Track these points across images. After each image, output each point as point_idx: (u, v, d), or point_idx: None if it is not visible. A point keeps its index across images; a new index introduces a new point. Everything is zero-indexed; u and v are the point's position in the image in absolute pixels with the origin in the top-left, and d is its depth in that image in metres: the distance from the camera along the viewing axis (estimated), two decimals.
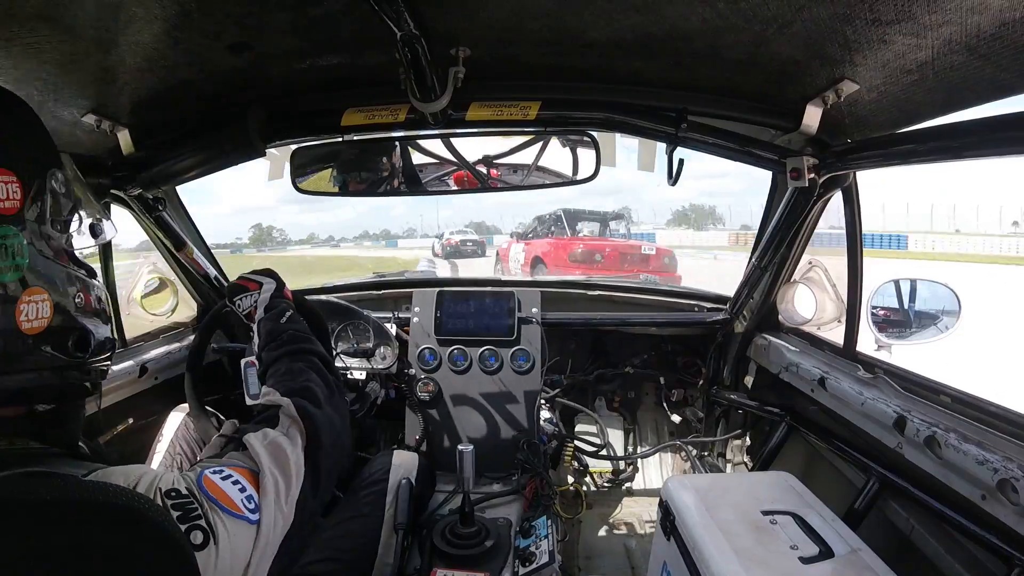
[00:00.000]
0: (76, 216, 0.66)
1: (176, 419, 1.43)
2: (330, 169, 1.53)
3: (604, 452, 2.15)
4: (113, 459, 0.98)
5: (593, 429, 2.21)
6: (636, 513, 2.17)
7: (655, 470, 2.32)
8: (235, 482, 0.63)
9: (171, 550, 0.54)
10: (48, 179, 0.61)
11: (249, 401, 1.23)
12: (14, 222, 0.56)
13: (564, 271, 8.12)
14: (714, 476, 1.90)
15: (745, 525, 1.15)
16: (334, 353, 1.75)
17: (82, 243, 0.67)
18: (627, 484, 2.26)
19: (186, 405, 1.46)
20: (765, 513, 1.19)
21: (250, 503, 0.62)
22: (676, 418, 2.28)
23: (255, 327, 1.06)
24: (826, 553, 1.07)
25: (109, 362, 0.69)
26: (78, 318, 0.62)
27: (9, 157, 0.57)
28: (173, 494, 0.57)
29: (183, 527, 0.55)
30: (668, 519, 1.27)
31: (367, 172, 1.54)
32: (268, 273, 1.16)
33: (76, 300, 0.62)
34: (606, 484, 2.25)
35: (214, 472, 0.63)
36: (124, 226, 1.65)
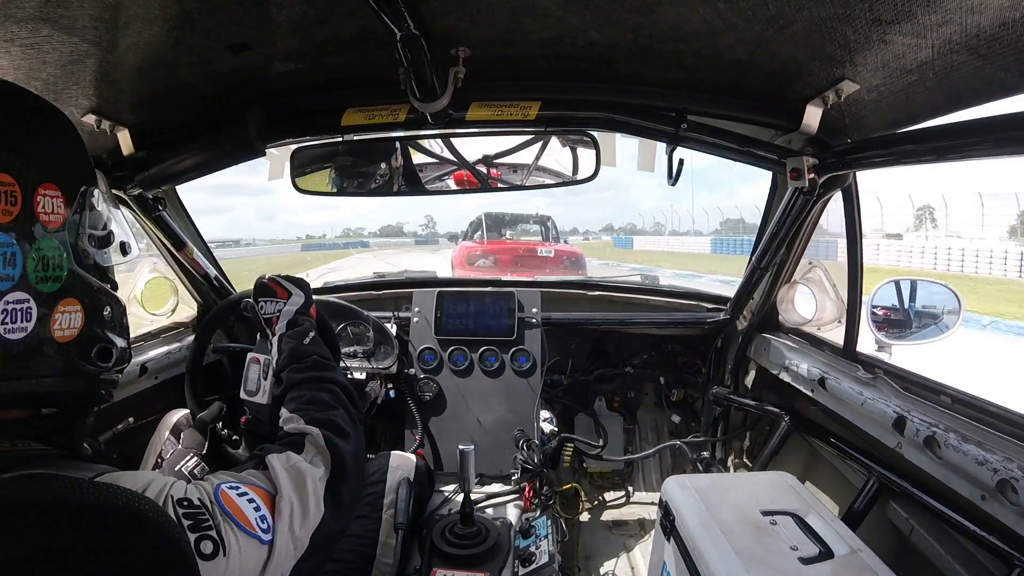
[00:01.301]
0: (112, 233, 0.69)
1: (163, 434, 1.42)
2: (330, 169, 1.54)
3: (603, 453, 2.15)
4: (112, 459, 0.98)
5: (596, 431, 2.21)
6: (636, 513, 2.18)
7: (655, 470, 2.32)
8: (250, 500, 0.64)
9: (172, 553, 0.54)
10: (87, 195, 0.63)
11: (243, 395, 1.24)
12: (57, 236, 0.59)
13: (469, 274, 8.21)
14: (714, 476, 1.90)
15: (745, 525, 1.15)
16: None
17: (112, 260, 0.70)
18: (627, 484, 2.26)
19: (176, 413, 1.46)
20: (765, 513, 1.19)
21: (263, 523, 0.63)
22: (676, 418, 2.28)
23: (274, 339, 1.06)
24: (826, 554, 1.07)
25: (120, 374, 0.71)
26: (104, 331, 0.65)
27: (56, 172, 0.60)
28: (185, 503, 0.58)
29: (193, 536, 0.56)
30: (668, 519, 1.27)
31: (367, 172, 1.54)
32: (300, 285, 1.14)
33: (104, 313, 0.65)
34: (606, 484, 2.25)
35: (231, 487, 0.64)
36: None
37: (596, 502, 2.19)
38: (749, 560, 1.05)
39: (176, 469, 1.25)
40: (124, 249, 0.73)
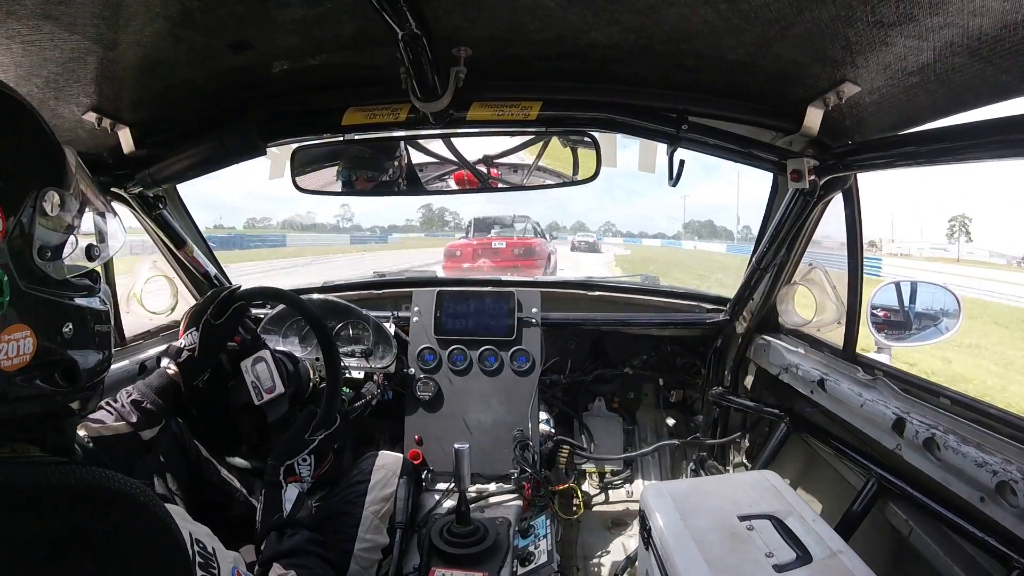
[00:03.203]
0: (73, 237, 0.62)
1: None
2: (331, 168, 1.54)
3: (598, 455, 2.15)
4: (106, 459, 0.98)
5: (592, 432, 2.21)
6: (635, 514, 2.17)
7: (654, 471, 2.32)
8: None
9: (165, 539, 0.55)
10: (39, 200, 0.55)
11: (243, 365, 1.33)
12: None
13: (452, 265, 10.38)
14: (693, 481, 1.87)
15: (720, 533, 1.13)
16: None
17: (79, 265, 0.63)
18: (626, 485, 2.26)
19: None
20: (743, 518, 1.17)
21: None
22: (674, 419, 2.28)
23: (292, 486, 1.14)
24: (803, 559, 1.04)
25: (100, 386, 0.68)
26: (66, 350, 0.59)
27: None
28: (200, 544, 0.60)
29: (200, 573, 0.58)
30: (645, 529, 1.25)
31: (368, 171, 1.54)
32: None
33: (65, 331, 0.59)
34: (605, 485, 2.25)
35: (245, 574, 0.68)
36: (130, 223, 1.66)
37: (595, 502, 2.19)
38: (720, 571, 1.02)
39: (193, 383, 1.24)
40: (91, 253, 0.64)
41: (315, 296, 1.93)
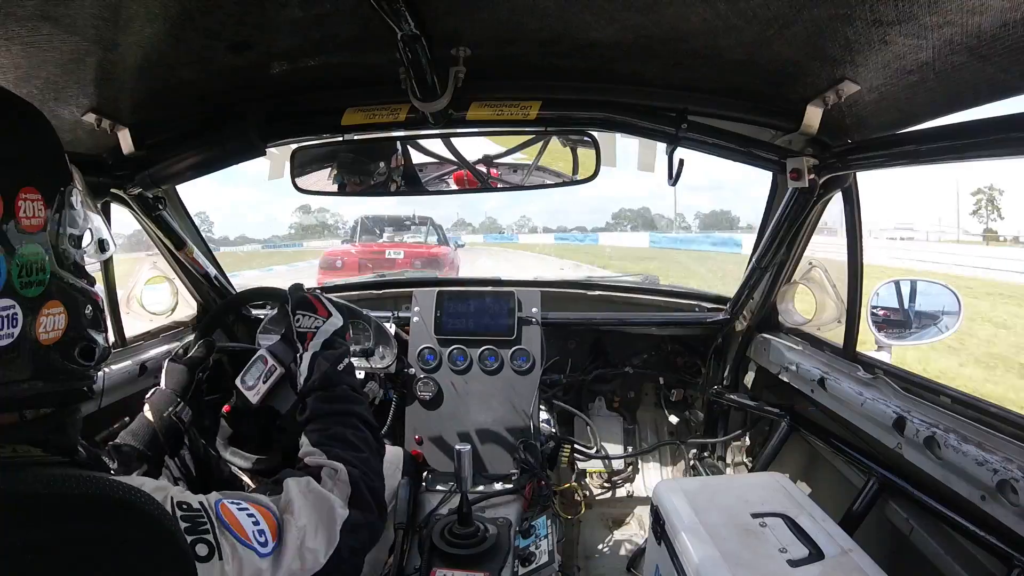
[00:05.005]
0: (89, 231, 0.69)
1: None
2: (330, 168, 1.54)
3: (599, 454, 2.15)
4: (110, 457, 0.98)
5: (592, 431, 2.21)
6: (636, 513, 2.18)
7: (655, 471, 2.32)
8: (250, 515, 0.66)
9: (169, 548, 0.55)
10: (66, 195, 0.63)
11: (238, 383, 1.26)
12: (38, 239, 0.59)
13: (327, 277, 8.36)
14: (704, 479, 1.89)
15: (734, 529, 1.15)
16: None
17: (90, 258, 0.70)
18: (627, 484, 2.27)
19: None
20: (755, 516, 1.19)
21: (261, 536, 0.65)
22: (675, 418, 2.29)
23: (306, 355, 1.04)
24: (816, 555, 1.06)
25: (99, 370, 0.71)
26: (86, 329, 0.65)
27: (35, 174, 0.59)
28: (184, 506, 0.60)
29: (190, 538, 0.57)
30: (658, 523, 1.26)
31: (367, 172, 1.54)
32: (342, 309, 1.13)
33: (86, 311, 0.65)
34: (606, 484, 2.25)
35: (232, 503, 0.66)
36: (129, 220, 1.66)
37: (596, 502, 2.19)
38: (736, 564, 1.04)
39: (163, 415, 1.15)
40: (103, 246, 0.74)
41: None
